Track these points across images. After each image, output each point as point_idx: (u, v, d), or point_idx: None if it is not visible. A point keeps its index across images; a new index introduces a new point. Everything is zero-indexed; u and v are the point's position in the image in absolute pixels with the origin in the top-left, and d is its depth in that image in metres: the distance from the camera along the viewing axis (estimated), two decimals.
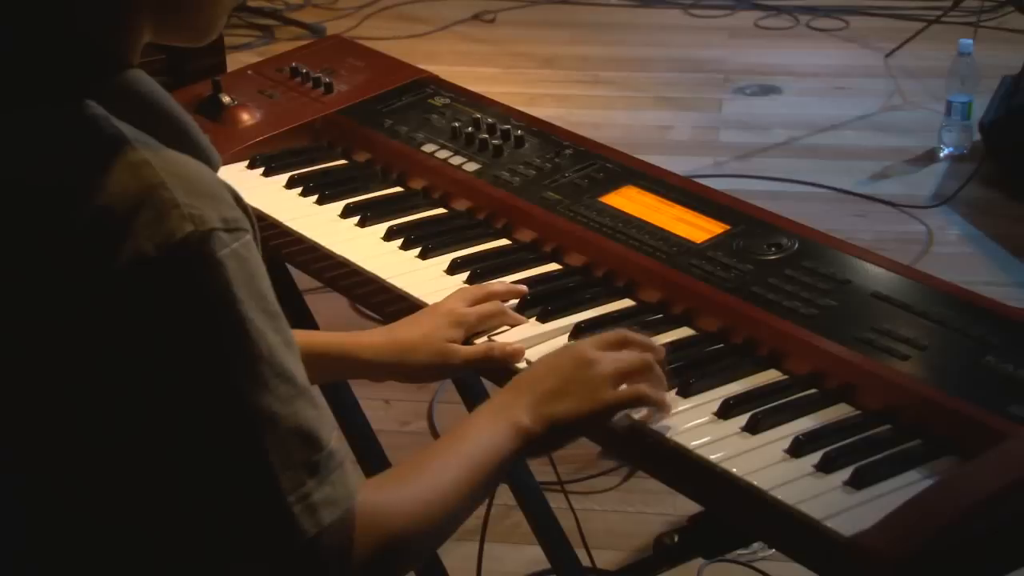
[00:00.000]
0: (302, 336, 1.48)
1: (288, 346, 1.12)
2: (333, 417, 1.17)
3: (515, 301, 1.63)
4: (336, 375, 1.66)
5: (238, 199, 1.13)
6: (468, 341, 1.58)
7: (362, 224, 1.85)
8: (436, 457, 1.29)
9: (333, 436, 1.15)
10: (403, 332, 1.58)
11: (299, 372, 1.13)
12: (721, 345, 1.54)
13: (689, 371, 1.46)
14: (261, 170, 2.00)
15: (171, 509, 1.12)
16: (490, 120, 1.98)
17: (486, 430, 1.32)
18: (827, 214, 3.76)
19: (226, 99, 2.08)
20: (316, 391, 1.16)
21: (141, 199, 1.06)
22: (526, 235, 1.79)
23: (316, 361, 1.16)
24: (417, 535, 1.22)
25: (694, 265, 1.63)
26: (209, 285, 1.07)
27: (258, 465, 1.10)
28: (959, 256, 3.68)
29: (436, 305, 1.61)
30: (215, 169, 1.17)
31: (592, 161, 1.88)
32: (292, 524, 1.11)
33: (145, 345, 1.07)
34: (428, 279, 1.71)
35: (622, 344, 1.42)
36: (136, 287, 1.06)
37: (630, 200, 1.78)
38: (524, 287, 1.64)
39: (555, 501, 2.24)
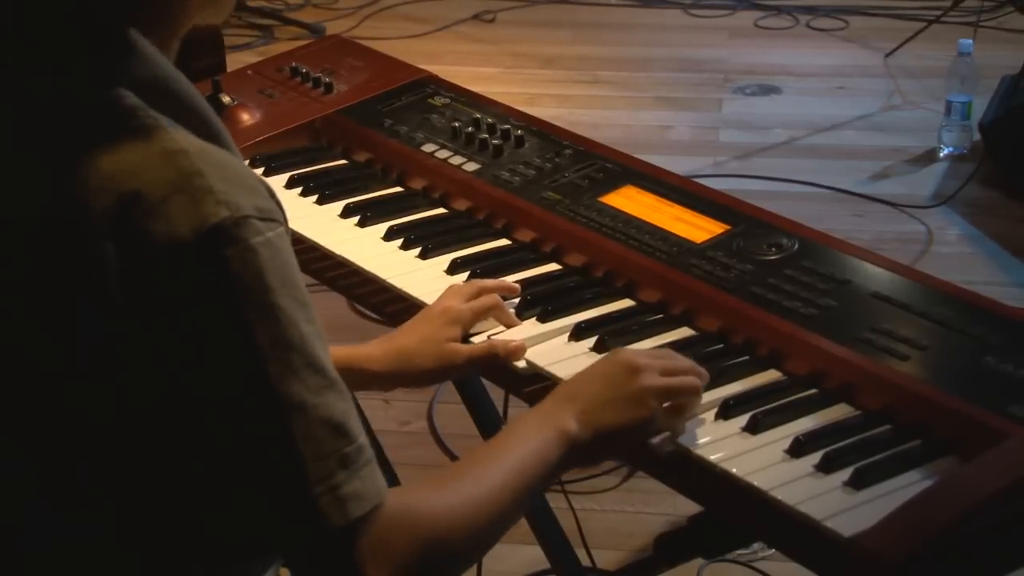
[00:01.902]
0: None
1: (319, 338, 1.12)
2: (357, 414, 1.16)
3: (515, 300, 1.63)
4: None
5: (271, 192, 1.14)
6: (467, 339, 1.58)
7: (362, 224, 1.85)
8: (478, 462, 1.27)
9: (362, 433, 1.14)
10: (402, 339, 1.58)
11: (329, 364, 1.12)
12: (721, 345, 1.54)
13: None
14: (261, 170, 2.00)
15: (199, 496, 1.12)
16: (490, 120, 1.98)
17: (532, 436, 1.30)
18: (827, 214, 3.76)
19: (226, 99, 2.08)
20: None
21: (177, 185, 1.07)
22: (526, 235, 1.79)
23: None
24: (459, 541, 1.20)
25: (694, 265, 1.63)
26: (242, 270, 1.07)
27: (286, 452, 1.09)
28: (959, 256, 3.68)
29: (431, 307, 1.60)
30: None
31: (592, 161, 1.88)
32: (319, 514, 1.10)
33: (177, 327, 1.07)
34: (428, 279, 1.71)
35: (668, 360, 1.39)
36: (170, 270, 1.06)
37: (630, 200, 1.78)
38: (516, 285, 1.64)
39: (555, 501, 2.23)
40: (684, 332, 1.57)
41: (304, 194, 1.93)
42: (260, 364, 1.08)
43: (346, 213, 1.87)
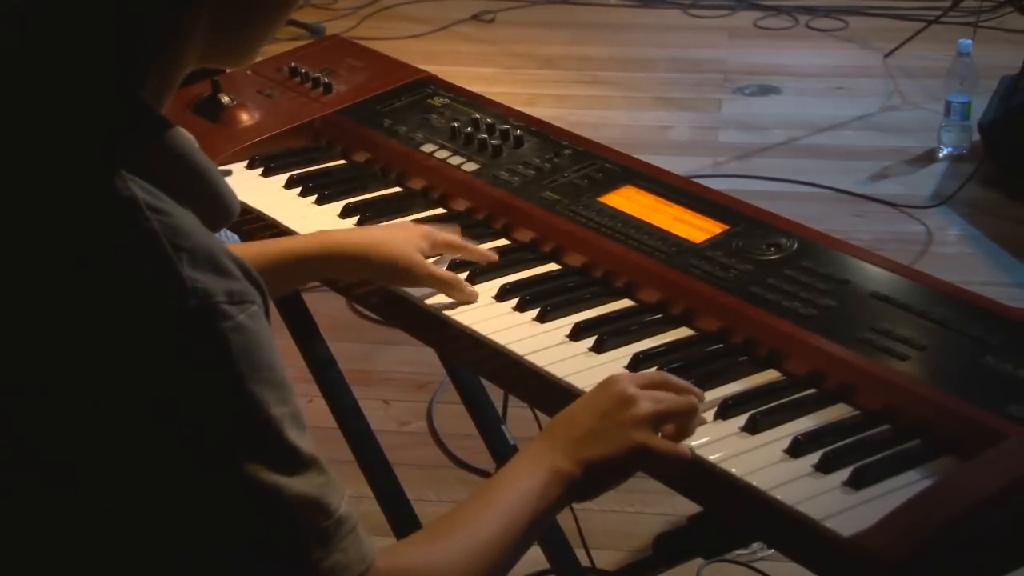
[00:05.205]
0: (272, 246, 1.66)
1: (294, 418, 1.10)
2: (341, 484, 1.15)
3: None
4: (312, 274, 1.75)
5: (246, 271, 1.11)
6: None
7: (362, 224, 1.85)
8: (472, 513, 1.25)
9: (343, 502, 1.13)
10: (381, 231, 1.73)
11: (305, 442, 1.11)
12: (720, 345, 1.54)
13: (688, 371, 1.45)
14: (260, 170, 2.00)
15: None
16: (489, 120, 1.98)
17: (524, 478, 1.28)
18: (827, 214, 3.76)
19: (225, 99, 2.08)
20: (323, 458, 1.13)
21: (146, 272, 1.05)
22: (525, 235, 1.78)
23: (294, 266, 1.16)
24: None
25: (693, 265, 1.63)
26: (209, 360, 1.05)
27: (261, 536, 1.09)
28: (959, 256, 3.68)
29: (406, 220, 1.78)
30: (233, 215, 1.16)
31: (591, 161, 1.88)
32: None
33: (145, 417, 1.05)
34: None
35: (663, 386, 1.36)
36: (137, 360, 1.04)
37: (629, 200, 1.78)
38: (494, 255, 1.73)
39: None
40: (683, 332, 1.57)
41: (304, 194, 1.93)
42: (229, 451, 1.07)
43: (346, 213, 1.87)
